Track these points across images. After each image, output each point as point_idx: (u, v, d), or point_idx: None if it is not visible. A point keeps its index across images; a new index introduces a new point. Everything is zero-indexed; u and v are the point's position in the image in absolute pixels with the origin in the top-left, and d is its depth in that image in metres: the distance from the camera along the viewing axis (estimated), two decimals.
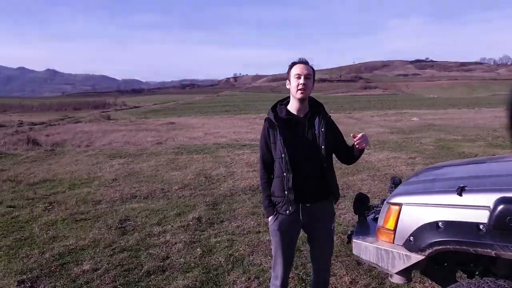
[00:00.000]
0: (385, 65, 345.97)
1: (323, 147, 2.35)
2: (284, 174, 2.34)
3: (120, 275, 3.60)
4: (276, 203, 2.42)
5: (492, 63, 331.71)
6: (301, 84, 2.31)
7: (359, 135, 2.31)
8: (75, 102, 59.90)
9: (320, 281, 2.61)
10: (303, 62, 2.38)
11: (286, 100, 2.49)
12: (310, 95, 2.48)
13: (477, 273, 2.30)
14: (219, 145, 12.14)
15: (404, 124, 18.12)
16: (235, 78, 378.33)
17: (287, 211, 2.37)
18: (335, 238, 4.22)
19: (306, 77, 2.32)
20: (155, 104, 63.45)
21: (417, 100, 61.62)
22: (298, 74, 2.32)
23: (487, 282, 1.88)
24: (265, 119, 2.46)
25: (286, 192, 2.35)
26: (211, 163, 9.05)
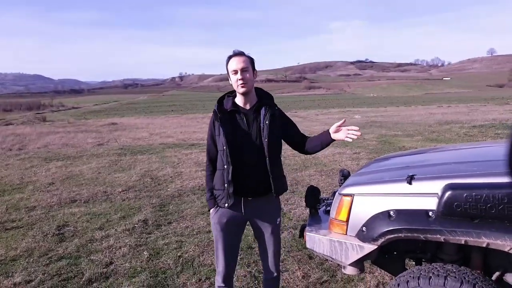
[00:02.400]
0: (327, 65, 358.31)
1: (266, 140, 2.29)
2: (225, 166, 2.30)
3: (58, 285, 3.30)
4: (217, 196, 2.37)
5: (425, 64, 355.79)
6: (239, 79, 2.25)
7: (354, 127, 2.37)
8: (5, 103, 55.59)
9: (270, 277, 2.52)
10: (238, 54, 2.31)
11: (235, 93, 2.42)
12: (260, 87, 2.44)
13: (424, 260, 2.35)
14: (166, 145, 11.78)
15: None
16: (181, 77, 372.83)
17: (226, 204, 2.33)
18: (286, 233, 4.23)
19: (242, 71, 2.26)
20: (96, 104, 60.70)
21: (358, 99, 64.37)
22: (234, 70, 2.27)
23: (436, 267, 1.92)
24: (213, 111, 2.40)
25: (226, 185, 2.31)
26: (157, 164, 8.73)
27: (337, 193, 2.30)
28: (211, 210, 2.43)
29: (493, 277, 2.09)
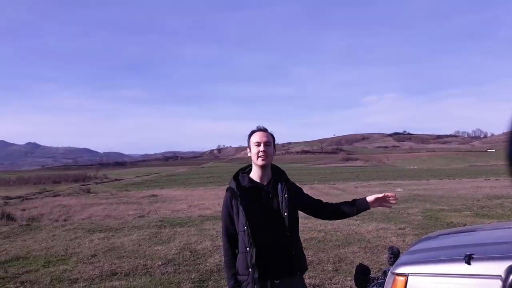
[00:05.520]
0: (364, 137, 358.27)
1: (285, 214, 2.23)
2: (247, 249, 2.17)
3: None
4: (241, 281, 2.21)
5: (466, 136, 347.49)
6: (261, 151, 2.27)
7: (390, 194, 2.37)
8: (54, 175, 58.68)
9: None
10: (262, 129, 2.37)
11: (248, 169, 2.42)
12: (273, 163, 2.44)
13: None
14: (204, 217, 11.82)
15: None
16: (219, 149, 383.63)
17: None
18: None
19: (265, 144, 2.29)
20: (137, 176, 62.83)
21: (398, 171, 62.89)
22: (258, 142, 2.30)
23: None
24: (227, 189, 2.35)
25: (250, 270, 2.16)
26: (196, 237, 8.72)
27: (389, 272, 2.20)
28: None
29: None
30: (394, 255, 2.75)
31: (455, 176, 37.26)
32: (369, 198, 2.37)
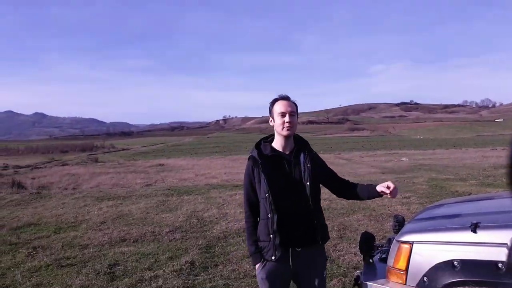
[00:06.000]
0: (371, 107, 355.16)
1: (308, 183, 2.21)
2: (269, 215, 2.17)
3: None
4: (262, 248, 2.23)
5: (474, 106, 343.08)
6: (286, 122, 2.22)
7: (393, 187, 2.21)
8: (62, 145, 59.30)
9: None
10: (285, 98, 2.30)
11: (271, 138, 2.38)
12: (296, 132, 2.39)
13: None
14: (211, 186, 11.96)
15: (395, 164, 18.21)
16: (225, 120, 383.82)
17: (273, 257, 2.17)
18: (335, 281, 4.09)
19: (290, 114, 2.23)
20: (144, 146, 63.24)
21: (405, 141, 62.65)
22: (283, 112, 2.23)
23: None
24: (249, 158, 2.32)
25: (271, 236, 2.17)
26: (203, 205, 8.85)
27: (394, 240, 2.22)
28: (256, 266, 2.25)
29: None
30: (399, 223, 2.77)
31: (462, 146, 37.08)
32: (378, 188, 2.29)
